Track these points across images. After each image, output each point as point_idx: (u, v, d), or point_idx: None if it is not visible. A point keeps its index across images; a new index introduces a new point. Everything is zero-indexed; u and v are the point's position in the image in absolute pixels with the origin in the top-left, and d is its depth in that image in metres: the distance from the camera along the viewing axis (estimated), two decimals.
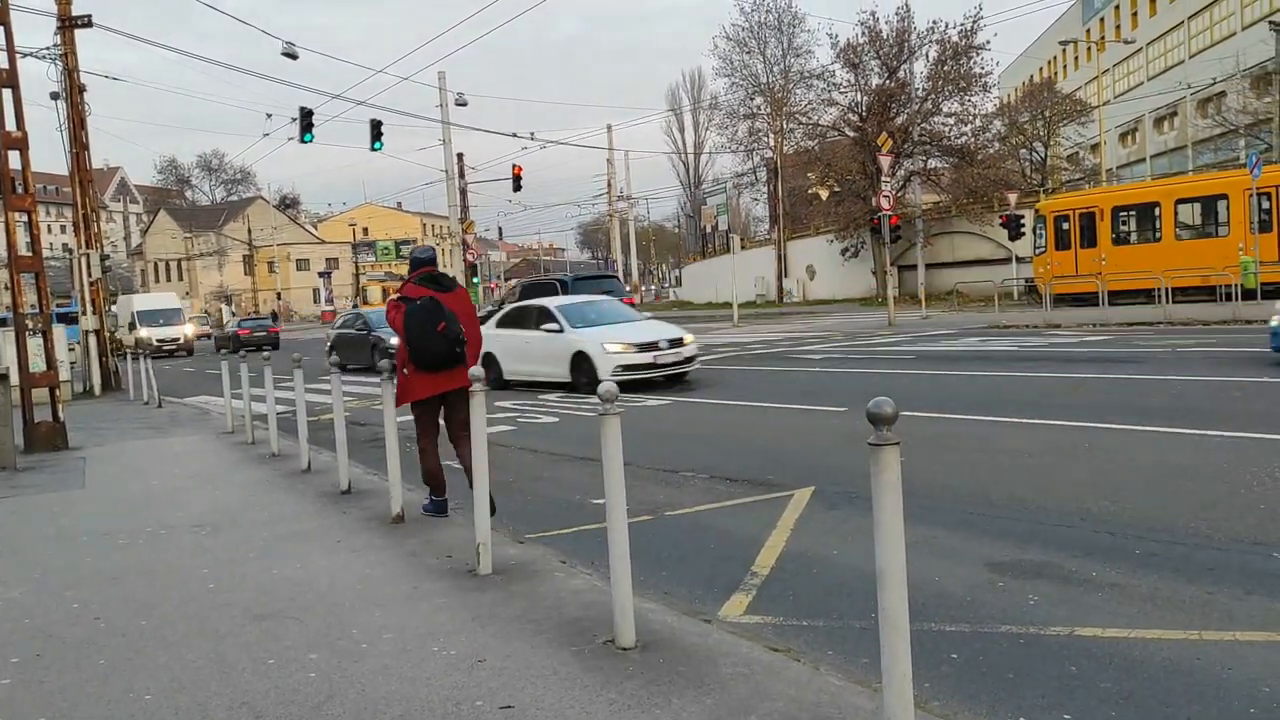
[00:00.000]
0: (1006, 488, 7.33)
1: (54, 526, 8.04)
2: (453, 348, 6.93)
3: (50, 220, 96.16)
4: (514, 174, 43.81)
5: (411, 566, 6.02)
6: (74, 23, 22.32)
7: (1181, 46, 49.74)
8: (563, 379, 16.29)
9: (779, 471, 8.44)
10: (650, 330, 16.82)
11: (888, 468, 2.86)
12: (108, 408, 19.54)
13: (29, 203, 13.44)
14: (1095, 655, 4.18)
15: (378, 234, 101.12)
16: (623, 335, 16.02)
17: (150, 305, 46.65)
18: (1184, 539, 5.70)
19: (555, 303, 18.20)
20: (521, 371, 17.24)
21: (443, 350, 6.92)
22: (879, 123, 42.18)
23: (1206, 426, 8.91)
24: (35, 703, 4.23)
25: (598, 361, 15.57)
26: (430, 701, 3.93)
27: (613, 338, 15.87)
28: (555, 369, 16.45)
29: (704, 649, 4.29)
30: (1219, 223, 25.67)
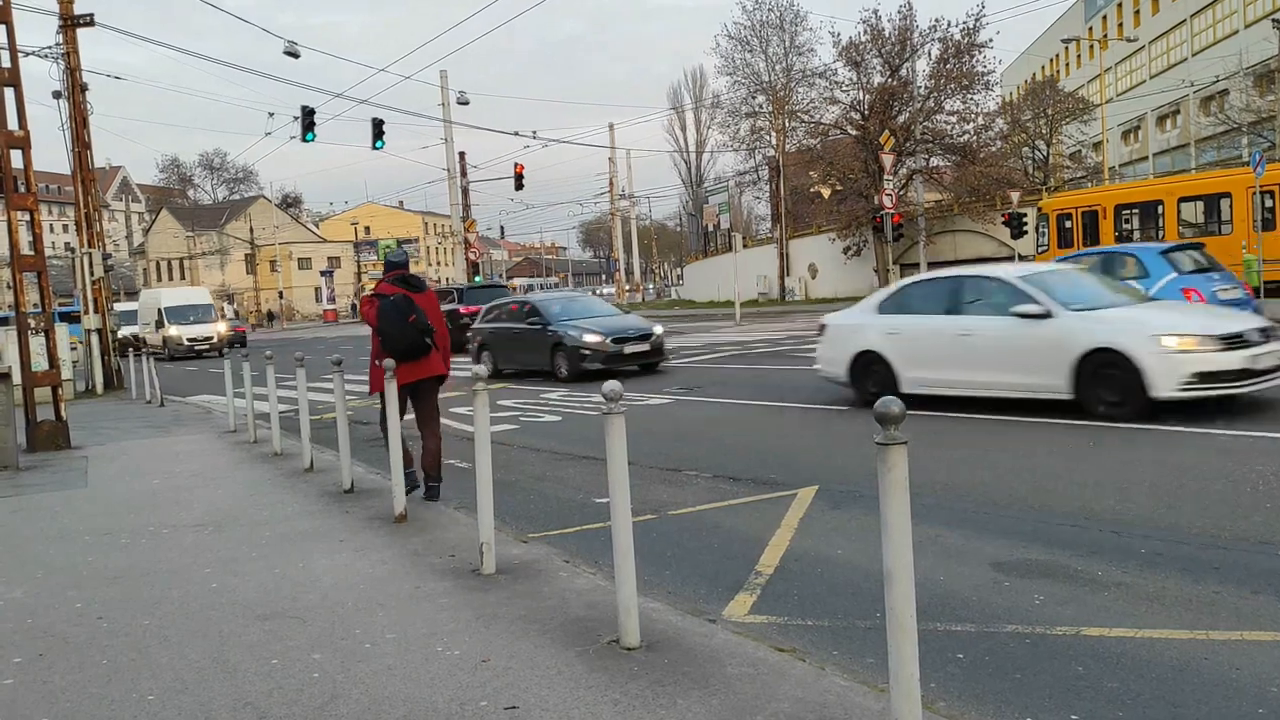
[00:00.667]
0: (1010, 486, 7.31)
1: (56, 526, 8.04)
2: (422, 338, 7.62)
3: (52, 219, 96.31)
4: (516, 173, 43.81)
5: (415, 566, 6.00)
6: (76, 21, 22.31)
7: (1184, 44, 49.67)
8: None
9: (782, 470, 8.42)
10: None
11: (895, 467, 2.85)
12: (110, 407, 19.54)
13: (31, 202, 13.42)
14: (1102, 655, 4.16)
15: (379, 233, 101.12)
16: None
17: (179, 301, 42.01)
18: (1190, 538, 5.68)
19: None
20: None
21: (414, 340, 7.59)
22: (881, 121, 42.10)
23: (1211, 425, 8.88)
24: (38, 702, 4.22)
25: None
26: (434, 702, 3.92)
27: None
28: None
29: (709, 649, 4.28)
30: (1222, 221, 25.60)
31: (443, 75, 42.03)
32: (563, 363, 17.71)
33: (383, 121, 31.64)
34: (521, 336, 18.93)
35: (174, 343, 38.53)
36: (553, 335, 18.01)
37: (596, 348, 17.31)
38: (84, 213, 23.17)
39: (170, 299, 41.95)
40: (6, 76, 13.07)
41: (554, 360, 17.89)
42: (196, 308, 41.41)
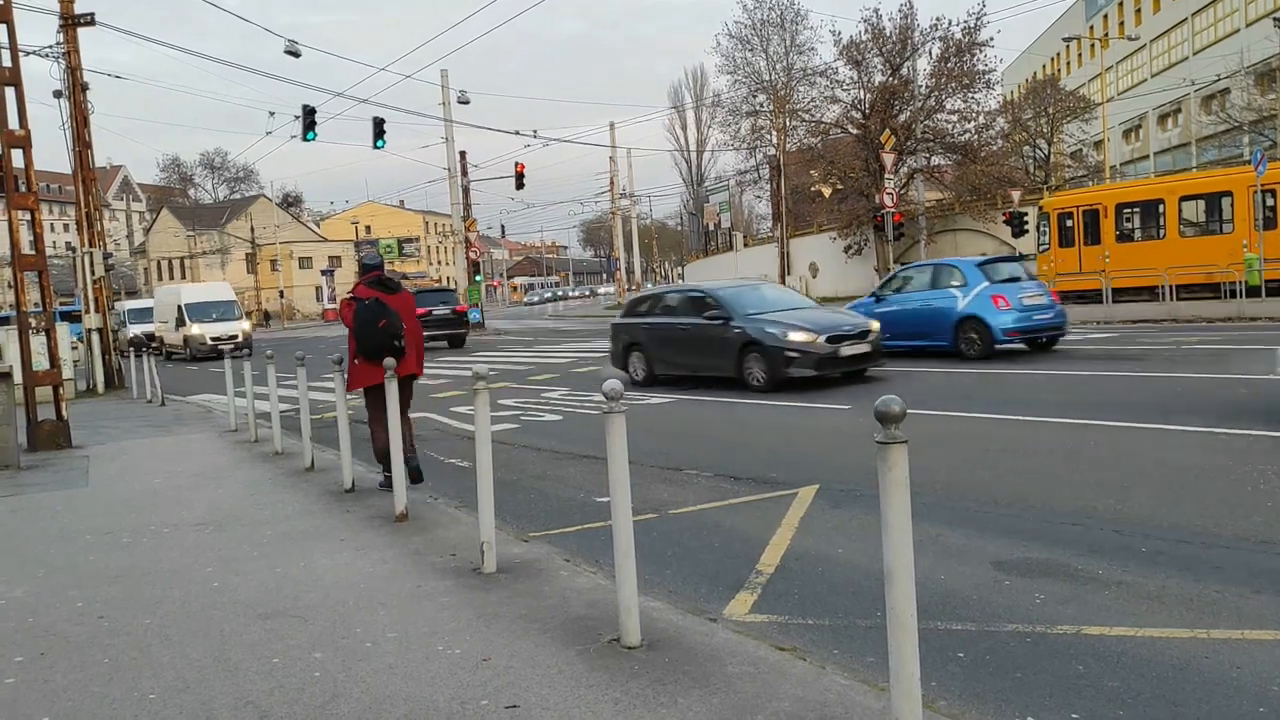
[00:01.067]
0: (1012, 486, 7.31)
1: (57, 525, 8.04)
2: (390, 341, 7.98)
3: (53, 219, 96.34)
4: (516, 172, 43.81)
5: (415, 565, 6.01)
6: (76, 21, 22.31)
7: (1185, 43, 49.64)
8: None
9: (783, 469, 8.42)
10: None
11: (896, 466, 2.85)
12: (111, 406, 19.55)
13: (32, 201, 13.43)
14: (1102, 654, 4.16)
15: (380, 232, 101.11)
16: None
17: (201, 297, 38.91)
18: (1190, 537, 5.68)
19: None
20: None
21: (382, 343, 7.94)
22: (882, 120, 42.09)
23: (1212, 424, 8.88)
24: (40, 701, 4.22)
25: None
26: (435, 701, 3.92)
27: None
28: None
29: (709, 648, 4.28)
30: (1223, 220, 25.60)
31: (443, 74, 42.04)
32: (758, 367, 14.10)
33: (384, 121, 31.66)
34: (693, 335, 15.17)
35: (196, 342, 35.88)
36: (740, 333, 14.32)
37: (806, 348, 13.75)
38: (85, 212, 23.17)
39: (191, 295, 38.87)
40: (7, 76, 13.08)
41: (742, 364, 14.31)
42: (219, 304, 38.51)
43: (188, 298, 38.34)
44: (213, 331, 36.11)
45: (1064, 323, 17.03)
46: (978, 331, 16.01)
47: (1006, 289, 16.26)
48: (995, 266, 17.17)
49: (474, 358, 25.80)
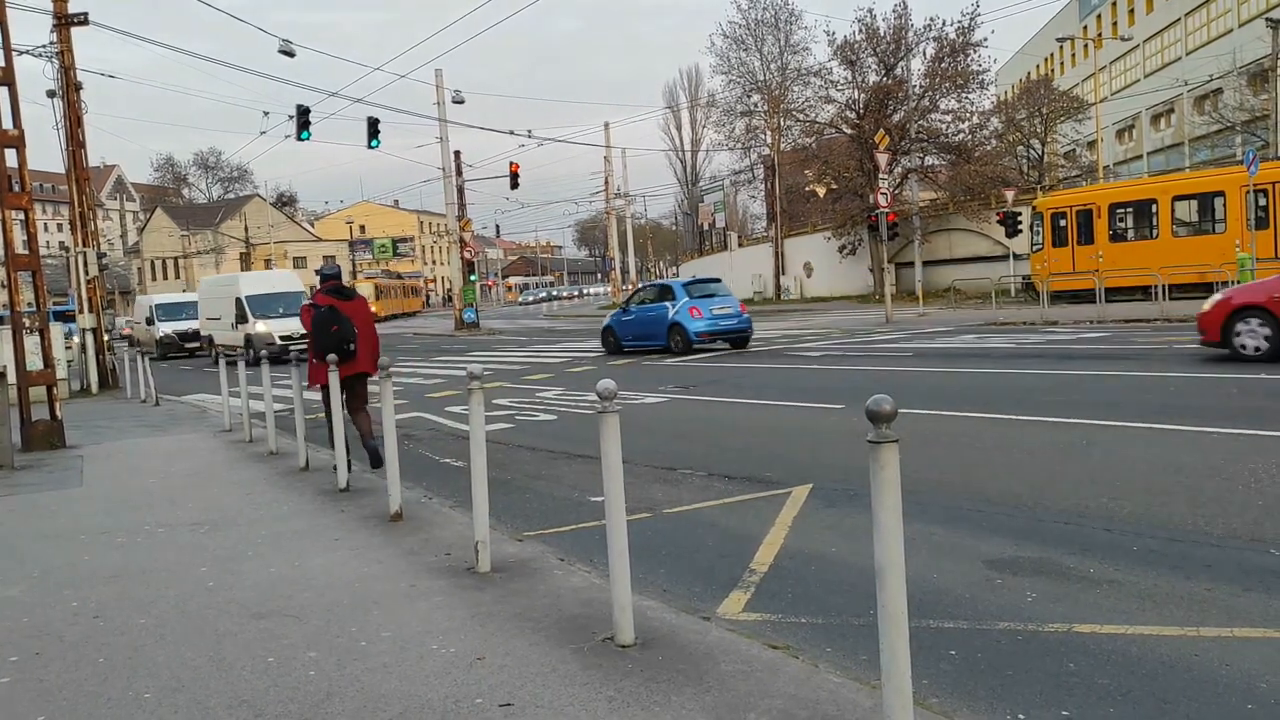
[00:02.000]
0: (1004, 484, 7.34)
1: (52, 525, 8.04)
2: (341, 345, 8.84)
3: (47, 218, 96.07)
4: (511, 171, 43.79)
5: (410, 564, 6.02)
6: (70, 20, 22.27)
7: (1178, 43, 49.76)
8: None
9: (777, 469, 8.44)
10: None
11: (887, 465, 2.87)
12: (105, 406, 19.52)
13: (26, 201, 13.40)
14: (1093, 652, 4.19)
15: (375, 232, 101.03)
16: None
17: (264, 288, 32.65)
18: (1181, 535, 5.71)
19: None
20: None
21: (335, 346, 8.80)
22: (876, 120, 42.15)
23: (1203, 423, 8.92)
24: (34, 701, 4.23)
25: None
26: (430, 700, 3.93)
27: None
28: None
29: (703, 646, 4.30)
30: (1216, 219, 25.69)
31: (438, 74, 42.02)
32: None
33: (378, 120, 31.65)
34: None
35: (262, 341, 29.41)
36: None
37: None
38: (78, 212, 23.14)
39: (252, 286, 32.72)
40: (1, 76, 13.05)
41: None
42: (285, 296, 32.13)
43: (248, 289, 32.16)
44: (282, 329, 29.92)
45: (748, 328, 22.44)
46: (680, 334, 21.59)
47: (701, 303, 21.89)
48: (697, 285, 23.01)
49: (468, 357, 25.80)
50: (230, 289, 32.78)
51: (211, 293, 34.85)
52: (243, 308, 31.35)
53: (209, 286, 36.40)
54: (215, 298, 33.87)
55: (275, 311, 31.28)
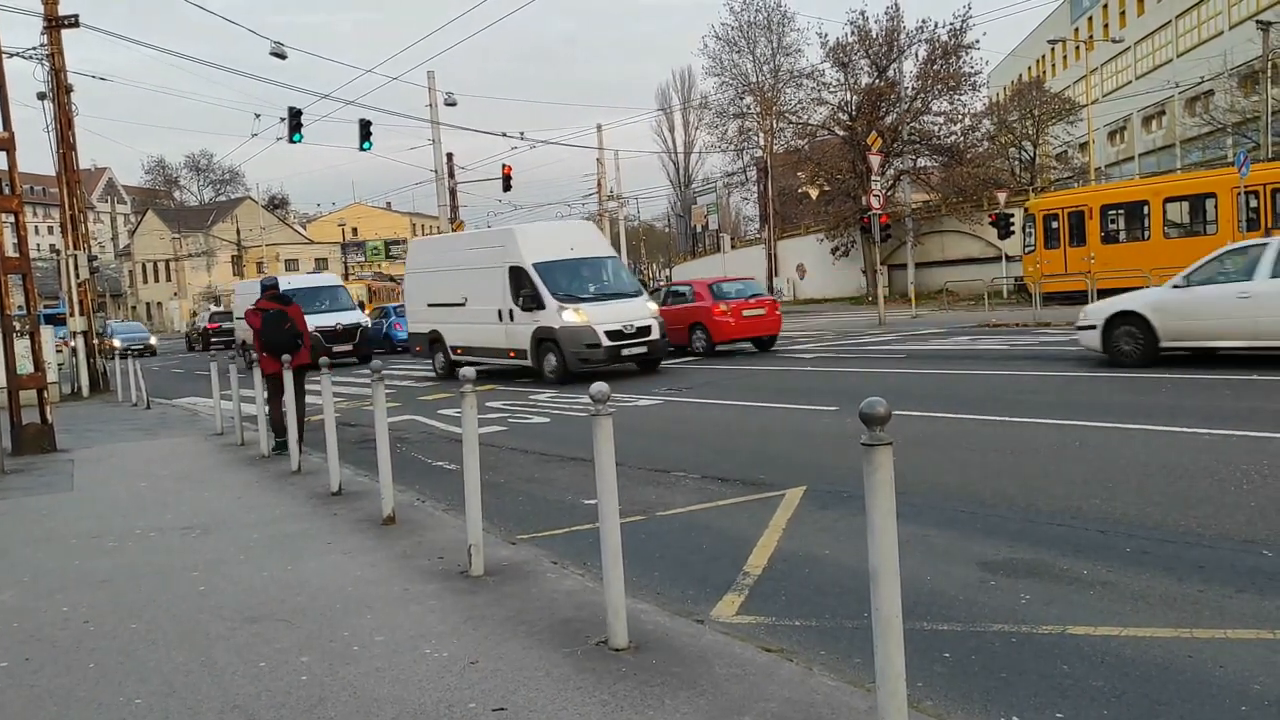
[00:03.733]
0: (997, 486, 7.34)
1: (42, 529, 8.00)
2: (292, 339, 10.76)
3: (37, 221, 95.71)
4: (504, 174, 43.71)
5: (403, 568, 6.00)
6: (60, 23, 22.20)
7: (1169, 45, 49.95)
8: None
9: (770, 471, 8.44)
10: None
11: (881, 467, 2.86)
12: (96, 409, 19.45)
13: (16, 203, 13.35)
14: (1087, 654, 4.19)
15: (367, 234, 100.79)
16: None
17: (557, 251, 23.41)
18: (1174, 537, 5.72)
19: None
20: None
21: (284, 341, 10.68)
22: (869, 122, 42.24)
23: (1196, 424, 8.94)
24: (24, 707, 4.20)
25: None
26: (423, 704, 3.92)
27: None
28: None
29: (697, 649, 4.29)
30: (1207, 221, 25.76)
31: (430, 76, 41.92)
32: None
33: (370, 123, 31.51)
34: None
35: (579, 340, 20.70)
36: None
37: None
38: (69, 214, 23.05)
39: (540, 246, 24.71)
40: None
41: None
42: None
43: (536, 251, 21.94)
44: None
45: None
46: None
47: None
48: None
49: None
50: (488, 253, 19.41)
51: (433, 259, 21.58)
52: (529, 283, 18.37)
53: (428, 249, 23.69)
54: (443, 268, 20.75)
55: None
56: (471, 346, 19.61)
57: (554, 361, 17.49)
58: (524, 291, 17.84)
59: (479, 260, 19.37)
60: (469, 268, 19.58)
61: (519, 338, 18.21)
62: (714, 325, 21.15)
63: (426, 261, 21.67)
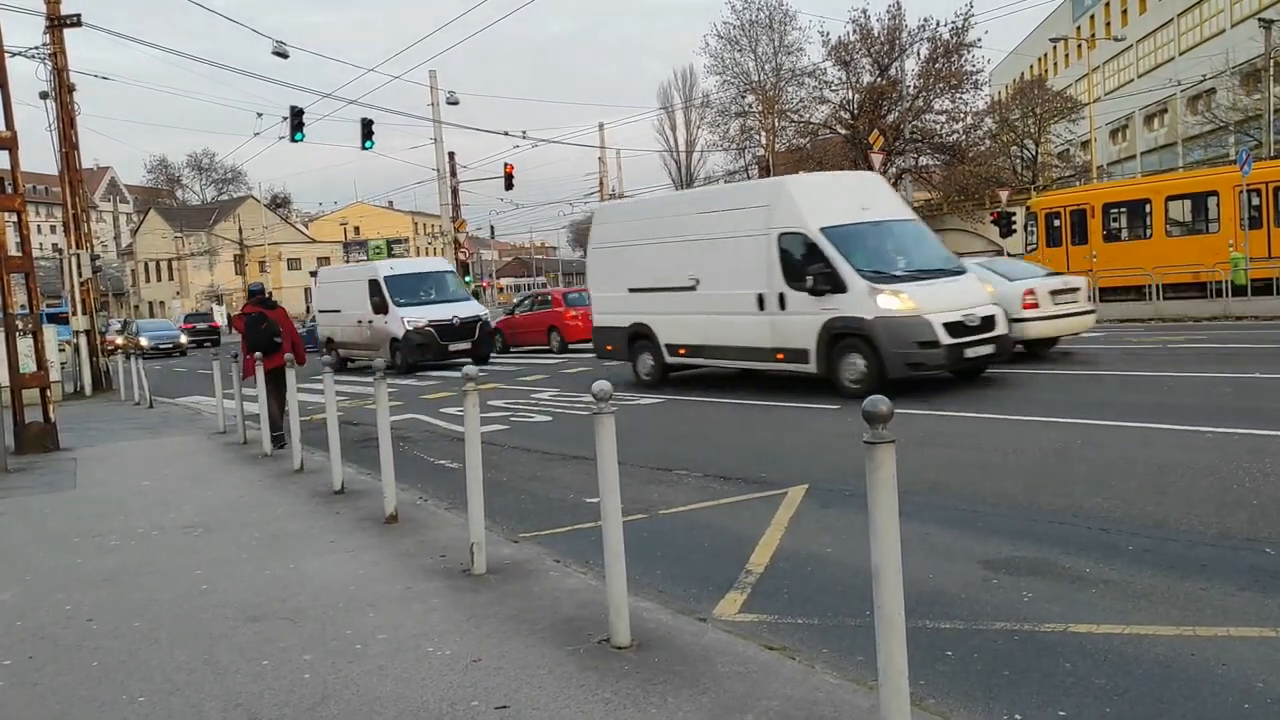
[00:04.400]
0: (999, 485, 7.34)
1: (45, 528, 8.01)
2: (272, 340, 11.62)
3: (40, 220, 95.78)
4: (506, 173, 43.69)
5: (405, 566, 6.00)
6: (63, 22, 22.21)
7: (1171, 44, 49.90)
8: None
9: (772, 469, 8.44)
10: None
11: (883, 466, 2.87)
12: (99, 408, 19.47)
13: (18, 202, 13.36)
14: (1089, 652, 4.19)
15: (369, 233, 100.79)
16: None
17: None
18: (1177, 535, 5.72)
19: None
20: None
21: (267, 343, 11.60)
22: (870, 120, 42.24)
23: (1197, 423, 8.93)
24: (28, 705, 4.21)
25: None
26: (426, 702, 3.92)
27: None
28: None
29: (699, 648, 4.29)
30: (1209, 219, 25.72)
31: (432, 75, 42.04)
32: None
33: (372, 122, 31.55)
34: None
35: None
36: None
37: None
38: (71, 214, 23.06)
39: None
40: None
41: None
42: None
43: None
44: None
45: None
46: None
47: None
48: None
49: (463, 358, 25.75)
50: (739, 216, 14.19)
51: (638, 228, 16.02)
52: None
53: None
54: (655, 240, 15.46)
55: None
56: (706, 345, 14.58)
57: (862, 366, 12.44)
58: (812, 269, 12.72)
59: (722, 227, 13.98)
60: (703, 237, 14.34)
61: (795, 333, 13.01)
62: (565, 328, 24.92)
63: (625, 232, 15.98)
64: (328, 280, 27.79)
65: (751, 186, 16.90)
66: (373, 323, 23.42)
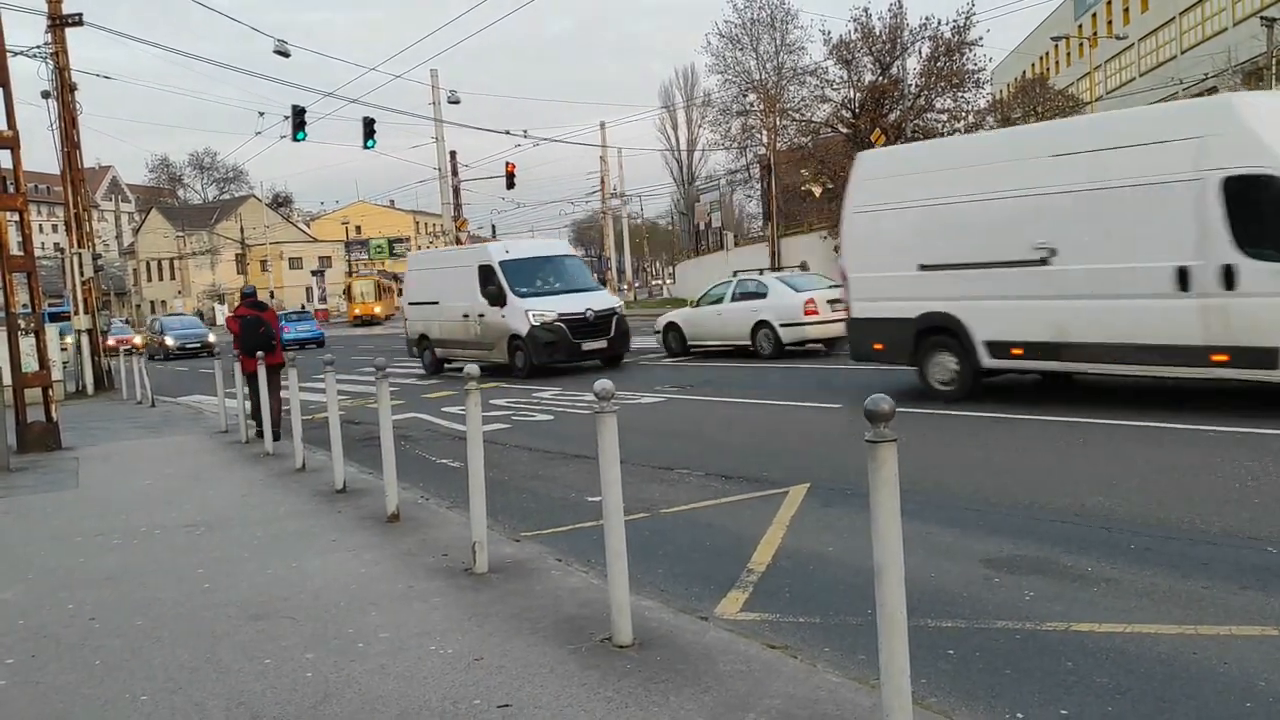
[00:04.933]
0: (1001, 484, 7.34)
1: (47, 527, 8.02)
2: (267, 341, 12.34)
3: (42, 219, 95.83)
4: (507, 171, 43.72)
5: (407, 565, 6.01)
6: (64, 21, 22.22)
7: (1173, 42, 49.83)
8: None
9: (774, 468, 8.44)
10: None
11: (885, 465, 2.86)
12: (101, 407, 19.48)
13: (20, 202, 13.37)
14: (1091, 650, 4.19)
15: (371, 232, 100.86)
16: None
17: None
18: (1179, 534, 5.72)
19: None
20: None
21: (260, 344, 12.18)
22: (872, 119, 42.17)
23: (1200, 421, 8.92)
24: (31, 704, 4.21)
25: None
26: (428, 700, 3.92)
27: None
28: None
29: (701, 646, 4.29)
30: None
31: (433, 74, 42.02)
32: None
33: (374, 121, 31.60)
34: None
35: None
36: None
37: None
38: (73, 213, 23.08)
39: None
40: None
41: None
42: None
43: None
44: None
45: None
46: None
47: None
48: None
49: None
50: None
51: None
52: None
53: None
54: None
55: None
56: (1068, 343, 10.40)
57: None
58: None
59: (1104, 171, 9.97)
60: (1064, 189, 10.30)
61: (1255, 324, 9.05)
62: None
63: (910, 188, 11.85)
64: (422, 266, 23.68)
65: (1159, 114, 11.59)
66: (484, 317, 19.21)
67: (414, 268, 24.27)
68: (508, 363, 19.01)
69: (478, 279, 19.51)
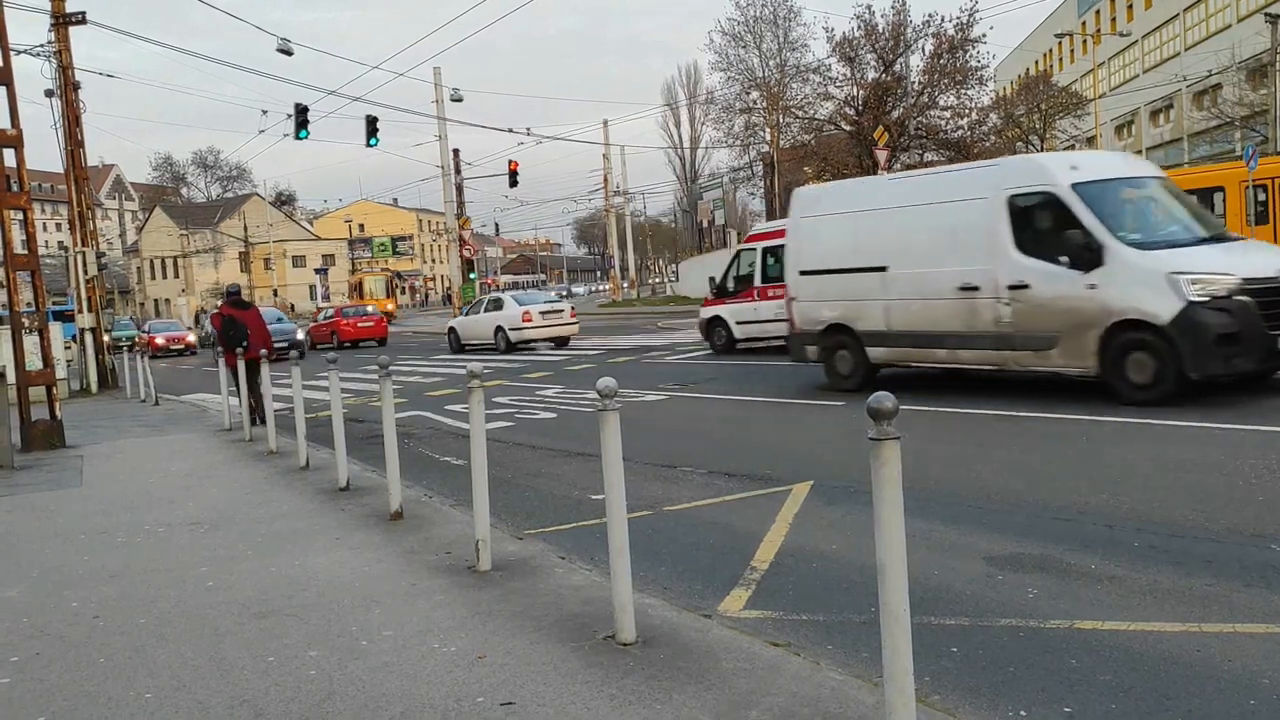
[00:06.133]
0: (1005, 482, 7.33)
1: (51, 525, 8.03)
2: (242, 339, 13.44)
3: (45, 218, 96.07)
4: (510, 169, 43.75)
5: (410, 563, 6.01)
6: (68, 20, 22.25)
7: (1177, 39, 49.73)
8: None
9: (777, 466, 8.43)
10: None
11: (888, 463, 2.86)
12: (105, 406, 19.51)
13: (24, 200, 13.38)
14: (1095, 648, 4.19)
15: (374, 230, 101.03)
16: None
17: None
18: (1182, 531, 5.71)
19: None
20: None
21: (238, 341, 13.37)
22: (875, 116, 42.08)
23: (1204, 419, 8.91)
24: (35, 701, 4.22)
25: None
26: (431, 698, 3.93)
27: None
28: None
29: (704, 644, 4.30)
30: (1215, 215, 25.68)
31: (436, 72, 41.95)
32: None
33: (376, 119, 31.60)
34: None
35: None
36: None
37: None
38: (77, 211, 23.12)
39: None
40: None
41: None
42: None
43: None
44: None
45: None
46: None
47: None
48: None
49: (468, 356, 25.80)
50: None
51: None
52: None
53: None
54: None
55: None
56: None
57: None
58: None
59: None
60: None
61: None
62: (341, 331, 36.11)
63: None
64: (833, 208, 13.44)
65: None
66: (1027, 289, 10.73)
67: (811, 211, 13.78)
68: (1081, 371, 10.59)
69: (1007, 222, 11.03)
